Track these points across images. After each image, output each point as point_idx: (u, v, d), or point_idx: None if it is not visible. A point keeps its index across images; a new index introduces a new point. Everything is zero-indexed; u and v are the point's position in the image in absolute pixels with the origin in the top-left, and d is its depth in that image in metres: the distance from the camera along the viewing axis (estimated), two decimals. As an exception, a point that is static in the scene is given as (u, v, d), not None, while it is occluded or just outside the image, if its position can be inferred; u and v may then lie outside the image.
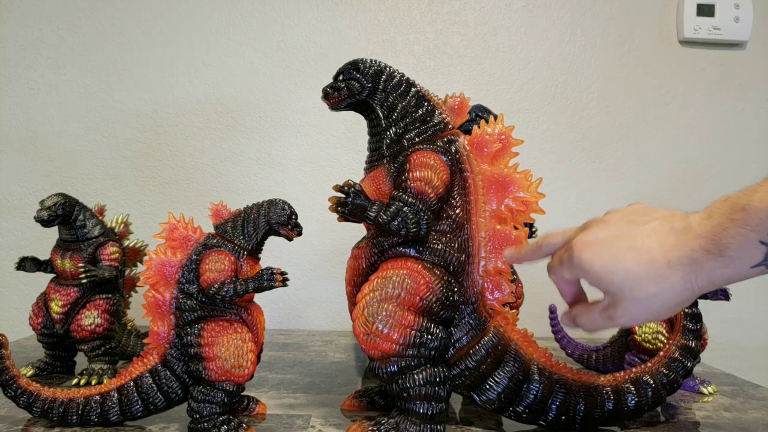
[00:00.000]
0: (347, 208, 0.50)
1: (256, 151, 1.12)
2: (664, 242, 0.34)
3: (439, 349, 0.50)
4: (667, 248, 0.34)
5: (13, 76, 1.11)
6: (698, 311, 0.56)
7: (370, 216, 0.50)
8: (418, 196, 0.51)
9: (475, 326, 0.53)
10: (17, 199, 1.11)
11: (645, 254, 0.35)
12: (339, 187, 0.50)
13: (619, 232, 0.37)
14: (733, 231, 0.31)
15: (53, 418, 0.52)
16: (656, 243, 0.35)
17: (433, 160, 0.52)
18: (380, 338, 0.48)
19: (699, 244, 0.33)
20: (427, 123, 0.55)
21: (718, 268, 0.32)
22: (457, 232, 0.53)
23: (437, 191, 0.52)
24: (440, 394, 0.49)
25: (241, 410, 0.57)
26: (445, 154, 0.54)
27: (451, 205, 0.54)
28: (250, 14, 1.12)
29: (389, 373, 0.49)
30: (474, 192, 0.54)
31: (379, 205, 0.50)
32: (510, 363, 0.52)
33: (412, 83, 0.57)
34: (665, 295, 0.34)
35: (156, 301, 0.53)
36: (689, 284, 0.34)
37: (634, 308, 0.36)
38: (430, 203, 0.51)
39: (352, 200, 0.50)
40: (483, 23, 1.13)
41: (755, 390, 0.72)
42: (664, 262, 0.34)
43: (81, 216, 0.70)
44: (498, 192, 0.54)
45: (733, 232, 0.31)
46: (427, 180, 0.51)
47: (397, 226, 0.50)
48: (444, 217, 0.53)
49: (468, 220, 0.53)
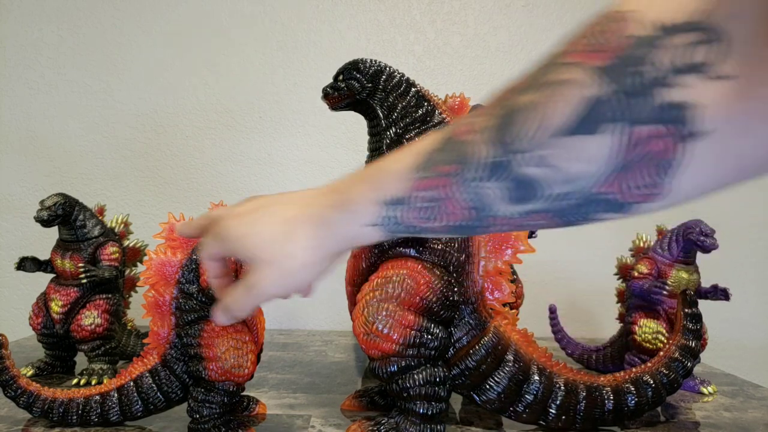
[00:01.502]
0: None
1: (256, 151, 1.12)
2: (302, 202, 0.33)
3: (439, 349, 0.50)
4: (303, 207, 0.33)
5: (13, 76, 1.11)
6: (698, 311, 0.56)
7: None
8: None
9: (475, 326, 0.53)
10: (17, 199, 1.11)
11: (280, 216, 0.34)
12: None
13: (267, 201, 0.35)
14: (359, 188, 0.31)
15: (53, 418, 0.52)
16: (296, 204, 0.34)
17: None
18: (380, 338, 0.48)
19: (332, 199, 0.32)
20: (427, 123, 0.55)
21: (341, 225, 0.31)
22: None
23: None
24: (440, 394, 0.49)
25: (241, 410, 0.57)
26: None
27: None
28: (250, 14, 1.12)
29: (389, 373, 0.49)
30: None
31: None
32: (510, 363, 0.52)
33: (412, 83, 0.57)
34: (296, 252, 0.33)
35: (156, 301, 0.53)
36: (318, 240, 0.32)
37: (269, 271, 0.33)
38: None
39: None
40: (483, 23, 1.13)
41: (755, 390, 0.72)
42: (295, 220, 0.33)
43: (81, 216, 0.69)
44: None
45: (358, 189, 0.30)
46: None
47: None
48: None
49: None
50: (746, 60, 0.19)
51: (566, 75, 0.22)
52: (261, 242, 0.33)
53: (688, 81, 0.20)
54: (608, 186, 0.23)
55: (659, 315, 0.70)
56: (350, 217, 0.31)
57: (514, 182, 0.24)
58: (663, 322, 0.70)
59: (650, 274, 0.71)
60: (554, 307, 0.85)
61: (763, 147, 0.20)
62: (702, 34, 0.20)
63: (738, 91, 0.20)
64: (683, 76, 0.20)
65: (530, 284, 0.86)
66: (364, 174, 0.31)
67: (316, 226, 0.32)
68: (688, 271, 0.70)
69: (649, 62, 0.20)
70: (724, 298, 0.70)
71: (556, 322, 0.85)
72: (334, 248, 0.33)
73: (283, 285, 0.34)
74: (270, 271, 0.33)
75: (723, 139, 0.20)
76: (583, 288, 1.13)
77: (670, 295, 0.70)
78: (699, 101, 0.20)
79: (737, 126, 0.20)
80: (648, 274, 0.71)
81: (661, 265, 0.71)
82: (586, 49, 0.22)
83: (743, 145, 0.20)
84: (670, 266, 0.70)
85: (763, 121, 0.20)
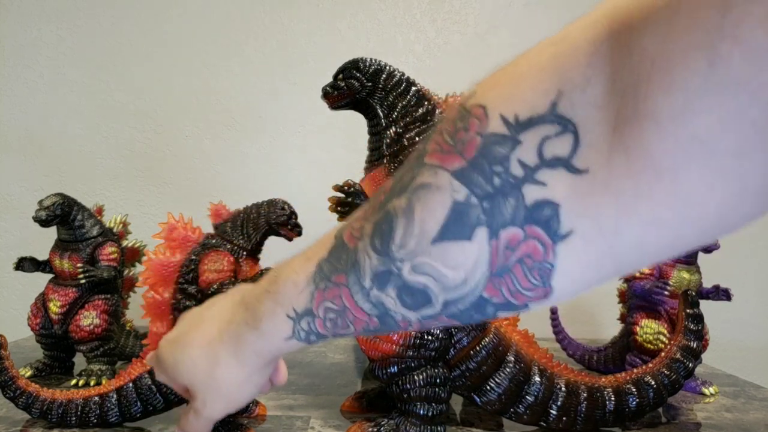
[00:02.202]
0: (347, 208, 0.50)
1: (256, 151, 1.12)
2: (222, 319, 0.32)
3: (440, 350, 0.49)
4: (222, 324, 0.32)
5: (13, 75, 1.11)
6: (700, 312, 0.56)
7: None
8: None
9: (476, 327, 0.52)
10: (16, 199, 1.11)
11: (201, 339, 0.32)
12: (339, 187, 0.50)
13: (194, 321, 0.34)
14: (266, 304, 0.29)
15: (52, 419, 0.52)
16: (216, 321, 0.32)
17: None
18: (380, 339, 0.48)
19: (242, 316, 0.31)
20: (427, 122, 0.55)
21: (257, 341, 0.30)
22: None
23: None
24: (440, 396, 0.49)
25: (240, 411, 0.57)
26: None
27: None
28: (250, 14, 1.12)
29: (389, 374, 0.48)
30: None
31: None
32: (511, 364, 0.52)
33: (412, 82, 0.57)
34: (224, 376, 0.32)
35: (155, 302, 0.53)
36: (241, 360, 0.31)
37: (209, 396, 0.33)
38: None
39: (351, 200, 0.50)
40: (483, 22, 1.13)
41: (757, 391, 0.72)
42: (215, 343, 0.32)
43: (79, 216, 0.69)
44: None
45: (266, 306, 0.29)
46: None
47: None
48: None
49: None
50: (596, 151, 0.18)
51: (430, 179, 0.21)
52: (191, 369, 0.33)
53: (545, 177, 0.19)
54: (492, 291, 0.21)
55: (661, 315, 0.70)
56: (265, 335, 0.30)
57: (406, 290, 0.23)
58: (664, 323, 0.69)
59: (651, 274, 0.71)
60: (555, 308, 0.85)
61: (636, 245, 0.18)
62: (552, 127, 0.18)
63: (591, 186, 0.18)
64: (541, 172, 0.19)
65: (531, 284, 0.86)
66: (268, 285, 0.30)
67: (235, 348, 0.31)
68: (689, 271, 0.70)
69: (505, 161, 0.19)
70: (725, 299, 0.70)
71: (557, 322, 0.85)
72: (259, 363, 0.32)
73: (225, 406, 0.33)
74: (209, 396, 0.33)
75: (588, 239, 0.19)
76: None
77: (672, 296, 0.69)
78: (558, 199, 0.19)
79: (599, 223, 0.18)
80: (649, 274, 0.71)
81: (662, 266, 0.71)
82: (443, 150, 0.21)
83: (615, 243, 0.19)
84: (672, 266, 0.70)
85: (627, 216, 0.18)
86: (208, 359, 0.32)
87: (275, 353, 0.31)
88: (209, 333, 0.32)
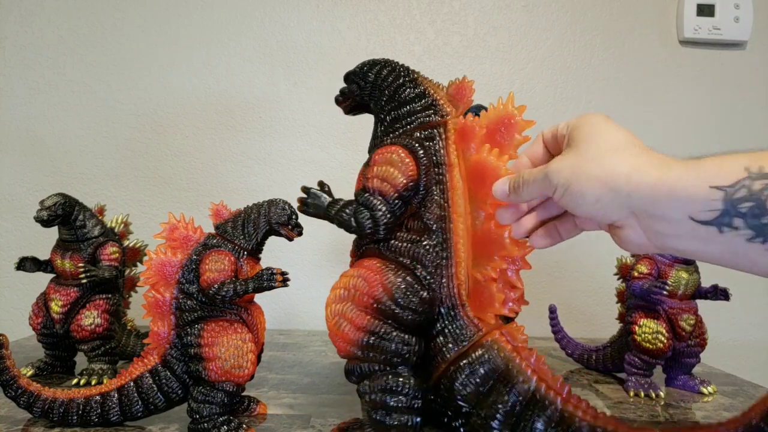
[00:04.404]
0: (308, 208, 0.51)
1: (256, 151, 1.12)
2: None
3: (402, 355, 0.45)
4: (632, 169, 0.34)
5: (13, 76, 1.11)
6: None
7: (330, 215, 0.50)
8: (376, 194, 0.48)
9: (459, 337, 0.46)
10: (17, 199, 1.11)
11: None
12: (303, 188, 0.51)
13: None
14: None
15: (53, 419, 0.52)
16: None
17: (396, 154, 0.49)
18: (340, 338, 0.47)
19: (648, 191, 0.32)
20: (411, 117, 0.52)
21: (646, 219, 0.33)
22: (432, 230, 0.48)
23: (397, 188, 0.48)
24: (397, 406, 0.44)
25: (241, 411, 0.57)
26: (420, 148, 0.49)
27: (424, 201, 0.49)
28: (250, 14, 1.12)
29: (351, 374, 0.48)
30: (452, 187, 0.49)
31: (342, 205, 0.50)
32: (509, 388, 0.43)
33: (407, 79, 0.54)
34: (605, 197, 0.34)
35: (156, 302, 0.53)
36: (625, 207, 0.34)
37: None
38: (389, 200, 0.48)
39: (311, 200, 0.51)
40: (483, 23, 1.13)
41: (755, 390, 0.72)
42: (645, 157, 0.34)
43: (81, 216, 0.69)
44: (479, 185, 0.47)
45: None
46: (385, 176, 0.48)
47: (355, 225, 0.49)
48: (416, 215, 0.49)
49: (445, 218, 0.48)
50: None
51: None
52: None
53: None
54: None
55: (659, 315, 0.70)
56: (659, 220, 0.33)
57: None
58: (663, 322, 0.70)
59: (650, 274, 0.71)
60: (554, 307, 0.85)
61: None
62: None
63: None
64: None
65: (530, 284, 0.86)
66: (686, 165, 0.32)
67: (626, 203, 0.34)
68: (688, 271, 0.70)
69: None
70: (724, 298, 0.70)
71: (556, 322, 0.85)
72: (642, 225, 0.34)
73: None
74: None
75: None
76: (583, 288, 1.13)
77: (670, 295, 0.70)
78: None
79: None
80: (648, 274, 0.71)
81: (661, 265, 0.71)
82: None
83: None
84: (670, 266, 0.70)
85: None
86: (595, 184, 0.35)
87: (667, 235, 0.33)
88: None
